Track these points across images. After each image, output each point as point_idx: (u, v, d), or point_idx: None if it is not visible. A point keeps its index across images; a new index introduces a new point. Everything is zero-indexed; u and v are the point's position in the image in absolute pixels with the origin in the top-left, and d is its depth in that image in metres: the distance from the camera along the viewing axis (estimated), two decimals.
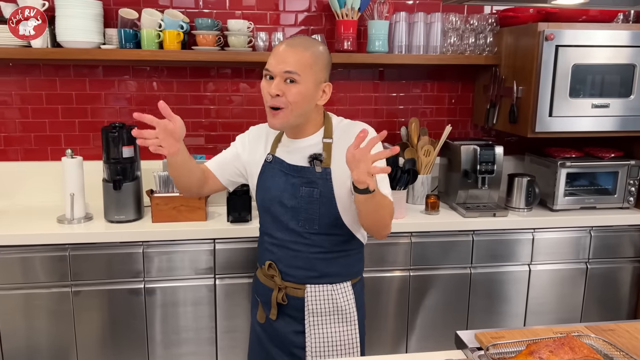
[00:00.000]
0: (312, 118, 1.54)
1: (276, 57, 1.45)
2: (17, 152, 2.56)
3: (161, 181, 2.32)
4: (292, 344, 1.60)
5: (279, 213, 1.55)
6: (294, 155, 1.55)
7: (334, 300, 1.57)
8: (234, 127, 2.70)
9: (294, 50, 1.43)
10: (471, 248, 2.41)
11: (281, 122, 1.48)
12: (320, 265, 1.55)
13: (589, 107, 2.40)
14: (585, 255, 2.52)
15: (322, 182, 1.50)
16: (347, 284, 1.59)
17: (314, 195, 1.50)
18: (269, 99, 1.46)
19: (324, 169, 1.50)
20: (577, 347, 1.10)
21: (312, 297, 1.56)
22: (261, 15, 2.61)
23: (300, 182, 1.52)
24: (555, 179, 2.54)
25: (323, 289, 1.56)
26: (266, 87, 1.46)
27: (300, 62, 1.42)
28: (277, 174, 1.56)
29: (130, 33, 2.35)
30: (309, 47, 1.46)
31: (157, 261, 2.20)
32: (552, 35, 2.28)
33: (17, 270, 2.11)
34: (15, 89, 2.50)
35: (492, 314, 2.49)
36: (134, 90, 2.59)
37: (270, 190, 1.57)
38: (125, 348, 2.25)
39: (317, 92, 1.49)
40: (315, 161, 1.50)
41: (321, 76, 1.49)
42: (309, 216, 1.51)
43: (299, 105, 1.45)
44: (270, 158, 1.59)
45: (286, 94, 1.43)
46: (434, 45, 2.56)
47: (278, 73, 1.43)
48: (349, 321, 1.58)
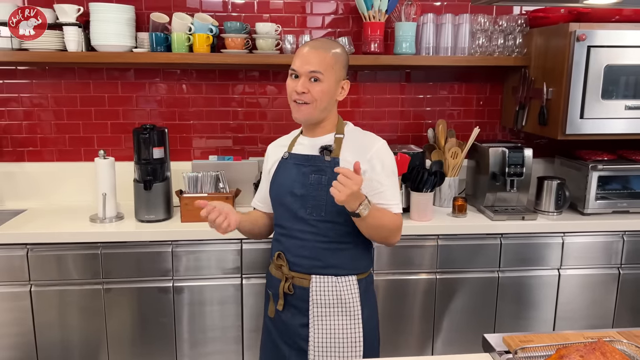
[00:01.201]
0: (330, 115, 1.65)
1: (301, 58, 1.58)
2: (52, 153, 2.64)
3: (190, 182, 2.36)
4: (298, 336, 1.64)
5: (289, 202, 1.64)
6: (310, 148, 1.66)
7: (338, 292, 1.61)
8: (261, 129, 2.73)
9: (317, 52, 1.57)
10: (499, 252, 2.38)
11: (306, 116, 1.60)
12: (325, 255, 1.61)
13: (622, 109, 2.35)
14: (618, 261, 2.46)
15: (330, 170, 1.59)
16: (352, 277, 1.63)
17: (322, 181, 1.59)
18: (294, 95, 1.58)
19: (333, 158, 1.60)
20: (609, 352, 1.08)
21: (316, 288, 1.61)
22: (288, 18, 2.63)
23: (310, 170, 1.62)
24: (586, 182, 2.49)
25: (328, 280, 1.61)
26: (292, 84, 1.59)
27: (323, 62, 1.56)
28: (290, 167, 1.66)
29: (161, 37, 2.40)
30: (330, 48, 1.60)
31: (186, 260, 2.24)
32: (584, 35, 2.24)
33: (52, 267, 2.18)
34: (51, 92, 2.58)
35: (519, 319, 2.45)
36: (164, 92, 2.64)
37: (283, 183, 1.66)
38: (154, 345, 2.29)
39: (337, 88, 1.62)
40: (325, 151, 1.62)
41: (340, 74, 1.62)
42: (317, 203, 1.59)
43: (322, 100, 1.58)
44: (286, 155, 1.69)
45: (311, 91, 1.56)
46: (462, 47, 2.54)
47: (303, 73, 1.57)
48: (353, 316, 1.62)
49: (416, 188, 2.38)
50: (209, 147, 2.72)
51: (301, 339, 1.64)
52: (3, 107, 2.58)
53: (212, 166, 2.49)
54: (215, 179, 2.39)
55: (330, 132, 1.67)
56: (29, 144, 2.62)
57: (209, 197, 2.30)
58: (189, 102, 2.66)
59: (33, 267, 2.17)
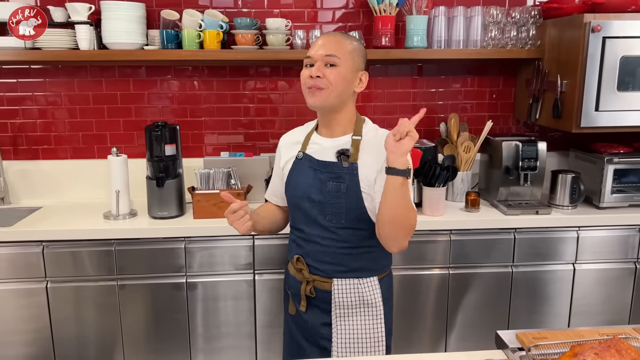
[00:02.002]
0: (346, 108, 1.57)
1: (316, 45, 1.53)
2: (66, 150, 2.67)
3: (202, 178, 2.37)
4: (320, 335, 1.62)
5: (307, 208, 1.58)
6: (324, 152, 1.58)
7: (361, 293, 1.58)
8: (272, 125, 2.73)
9: (334, 38, 1.53)
10: (513, 246, 2.36)
11: (321, 101, 1.52)
12: (348, 260, 1.57)
13: (638, 101, 2.31)
14: (634, 255, 2.42)
15: (348, 176, 1.52)
16: (373, 278, 1.61)
17: (341, 189, 1.52)
18: (309, 82, 1.51)
19: (351, 163, 1.53)
20: (624, 349, 1.06)
21: (339, 291, 1.58)
22: (299, 13, 2.62)
23: (328, 177, 1.55)
24: (601, 175, 2.45)
25: (350, 283, 1.58)
26: (306, 72, 1.53)
27: (339, 47, 1.51)
28: (306, 170, 1.59)
29: (172, 34, 2.41)
30: (346, 37, 1.56)
31: (199, 256, 2.25)
32: (599, 26, 2.20)
33: (68, 264, 2.21)
34: (64, 90, 2.61)
35: (534, 314, 2.43)
36: (176, 89, 2.65)
37: (299, 186, 1.60)
38: (168, 340, 2.32)
39: (354, 78, 1.54)
40: (343, 156, 1.54)
41: (358, 63, 1.55)
42: (336, 210, 1.53)
43: (338, 86, 1.50)
44: (301, 155, 1.62)
45: (326, 75, 1.49)
46: (474, 40, 2.51)
47: (319, 57, 1.50)
48: (375, 315, 1.60)
49: (428, 183, 2.36)
50: (221, 143, 2.72)
51: (322, 338, 1.62)
52: (18, 106, 2.61)
53: (223, 162, 2.50)
54: (227, 176, 2.40)
55: (348, 133, 1.58)
56: (44, 142, 2.65)
57: None
58: (200, 99, 2.67)
59: (49, 263, 2.19)
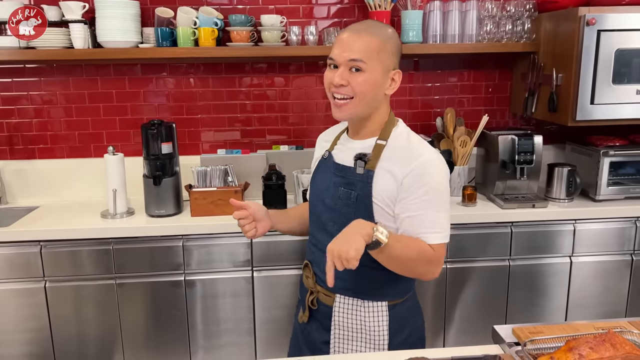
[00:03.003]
0: (378, 113, 1.41)
1: (340, 45, 1.34)
2: (62, 149, 2.66)
3: (199, 176, 2.37)
4: (320, 351, 1.52)
5: (320, 212, 1.48)
6: (346, 154, 1.44)
7: (363, 318, 1.44)
8: (269, 121, 2.73)
9: (359, 36, 1.32)
10: (510, 240, 2.37)
11: (348, 114, 1.37)
12: (353, 278, 1.41)
13: (633, 94, 2.31)
14: (631, 247, 2.43)
15: (361, 184, 1.37)
16: (381, 303, 1.43)
17: (351, 197, 1.38)
18: (332, 88, 1.36)
19: (367, 171, 1.37)
20: (619, 343, 1.07)
21: (340, 309, 1.46)
22: (294, 9, 2.62)
23: (340, 182, 1.41)
24: (597, 168, 2.46)
25: (353, 303, 1.44)
26: (329, 76, 1.36)
27: (366, 48, 1.31)
28: (326, 172, 1.48)
29: (167, 31, 2.40)
30: (376, 31, 1.34)
31: (197, 254, 2.26)
32: (594, 19, 2.20)
33: (66, 263, 2.21)
34: (60, 89, 2.60)
35: (531, 307, 2.45)
36: (172, 87, 2.65)
37: (317, 188, 1.50)
38: (168, 338, 2.32)
39: (385, 80, 1.37)
40: (359, 161, 1.38)
41: (390, 63, 1.36)
42: (344, 220, 1.33)
43: (366, 94, 1.34)
44: (326, 155, 1.50)
45: (351, 83, 1.32)
46: (470, 34, 2.51)
47: (342, 62, 1.33)
48: (377, 346, 1.44)
49: None
50: (217, 140, 2.72)
51: (323, 354, 1.51)
52: (13, 106, 2.60)
53: (220, 160, 2.50)
54: (224, 173, 2.40)
55: (374, 136, 1.41)
56: (40, 141, 2.65)
57: (218, 190, 2.31)
58: (197, 96, 2.66)
59: (47, 263, 2.20)
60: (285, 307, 2.33)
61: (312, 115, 2.74)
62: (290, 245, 2.26)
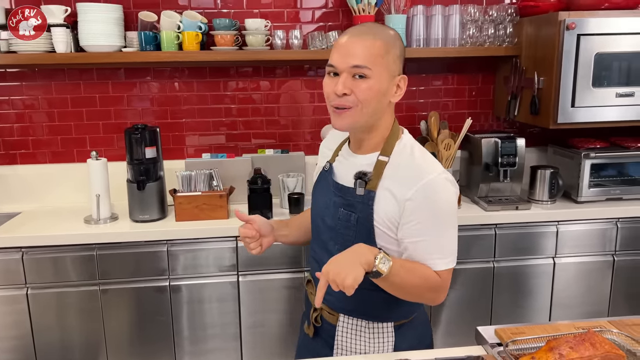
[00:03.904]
0: (381, 123, 1.31)
1: (340, 50, 1.23)
2: (44, 155, 2.63)
3: (184, 180, 2.36)
4: None
5: (321, 230, 1.40)
6: (346, 170, 1.35)
7: (367, 340, 1.36)
8: (254, 125, 2.72)
9: (362, 39, 1.22)
10: (494, 242, 2.39)
11: (349, 123, 1.26)
12: (357, 299, 1.28)
13: (613, 97, 2.35)
14: (612, 248, 2.47)
15: (361, 206, 1.28)
16: (387, 324, 1.36)
17: (351, 220, 1.29)
18: (334, 98, 1.24)
19: (367, 192, 1.27)
20: (598, 342, 1.09)
21: (344, 329, 1.38)
22: (278, 14, 2.62)
23: (340, 203, 1.32)
24: (579, 170, 2.50)
25: (357, 324, 1.37)
26: (330, 84, 1.25)
27: (370, 52, 1.21)
28: (326, 187, 1.39)
29: (150, 35, 2.39)
30: (379, 34, 1.24)
31: (182, 259, 2.24)
32: (574, 24, 2.23)
33: (48, 270, 2.18)
34: (42, 94, 2.57)
35: (516, 308, 2.47)
36: (156, 91, 2.63)
37: (317, 203, 1.43)
38: (153, 344, 2.30)
39: (390, 87, 1.27)
40: (359, 181, 1.27)
41: (395, 68, 1.27)
42: (345, 242, 1.28)
43: (370, 103, 1.23)
44: (327, 167, 1.41)
45: (355, 91, 1.22)
46: (453, 38, 2.54)
47: (344, 68, 1.22)
48: None
49: None
50: (202, 144, 2.71)
51: None
52: None
53: (205, 164, 2.49)
54: (208, 177, 2.39)
55: (376, 151, 1.31)
56: (21, 147, 2.61)
57: (203, 195, 2.30)
58: (181, 100, 2.65)
59: (29, 270, 2.17)
60: (271, 312, 2.33)
61: (297, 119, 2.74)
62: (277, 249, 2.25)
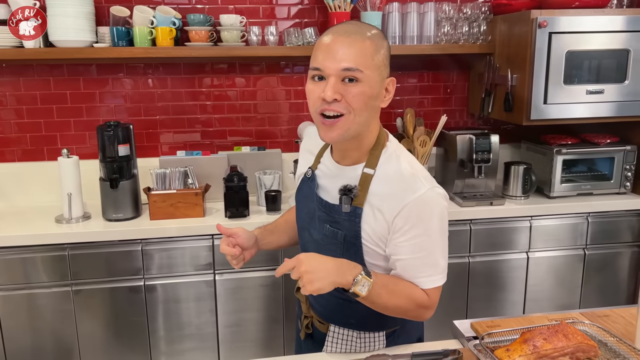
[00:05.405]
0: (369, 130, 1.21)
1: (327, 51, 1.12)
2: (13, 153, 2.56)
3: (158, 178, 2.32)
4: None
5: (307, 241, 1.35)
6: (331, 184, 1.27)
7: (360, 350, 1.34)
8: (230, 122, 2.70)
9: (351, 39, 1.11)
10: (469, 237, 2.42)
11: (340, 134, 1.15)
12: (346, 310, 1.29)
13: (583, 94, 2.40)
14: (583, 242, 2.53)
15: (348, 224, 1.21)
16: (378, 334, 1.33)
17: (338, 237, 1.23)
18: (321, 105, 1.13)
19: (354, 208, 1.20)
20: (571, 334, 1.11)
21: (334, 339, 1.35)
22: (254, 10, 2.60)
23: (326, 219, 1.26)
24: (551, 166, 2.54)
25: (348, 334, 1.33)
26: (316, 90, 1.13)
27: (361, 53, 1.10)
28: (310, 197, 1.32)
29: (123, 31, 2.34)
30: (367, 33, 1.14)
31: (157, 258, 2.21)
32: (545, 22, 2.27)
33: (18, 271, 2.13)
34: (10, 90, 2.50)
35: (491, 302, 2.51)
36: (129, 88, 2.59)
37: (301, 213, 1.37)
38: (128, 345, 2.27)
39: (381, 90, 1.17)
40: (345, 197, 1.20)
41: (384, 69, 1.17)
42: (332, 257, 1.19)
43: (363, 109, 1.13)
44: (309, 174, 1.33)
45: (345, 96, 1.11)
46: (428, 35, 2.56)
47: (334, 72, 1.10)
48: None
49: None
50: (177, 142, 2.68)
51: None
52: None
53: (180, 162, 2.46)
54: (183, 175, 2.36)
55: (361, 162, 1.23)
56: None
57: (178, 193, 2.27)
58: (155, 97, 2.61)
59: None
60: (248, 310, 2.31)
61: (274, 116, 2.73)
62: None
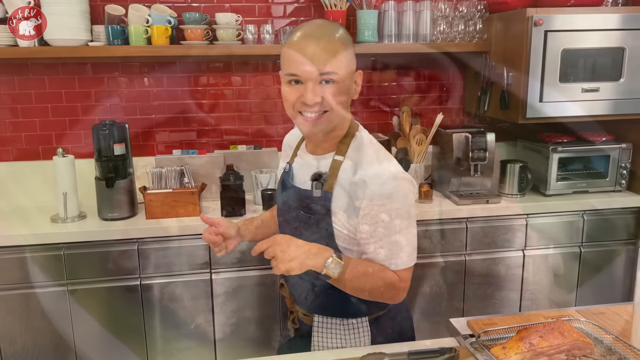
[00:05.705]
0: (343, 121, 1.29)
1: (302, 57, 1.17)
2: (8, 152, 2.55)
3: (154, 177, 2.32)
4: None
5: (285, 230, 1.38)
6: (304, 172, 1.34)
7: (345, 337, 1.37)
8: (226, 121, 2.69)
9: (322, 42, 1.17)
10: (465, 235, 2.42)
11: (324, 129, 1.24)
12: (328, 297, 1.32)
13: (579, 92, 2.41)
14: (579, 239, 2.53)
15: (319, 208, 1.27)
16: (361, 319, 1.36)
17: (310, 221, 1.29)
18: (300, 106, 1.21)
19: (324, 192, 1.26)
20: (567, 331, 1.11)
21: (319, 330, 1.39)
22: (250, 8, 2.59)
23: (300, 205, 1.32)
24: (547, 164, 2.55)
25: (332, 322, 1.37)
26: (294, 94, 1.21)
27: (334, 56, 1.18)
28: (287, 189, 1.38)
29: (118, 29, 2.33)
30: (335, 34, 1.21)
31: (153, 257, 2.20)
32: (541, 20, 2.27)
33: (14, 271, 2.12)
34: (5, 89, 2.49)
35: (487, 300, 2.51)
36: (125, 86, 2.58)
37: (280, 204, 1.42)
38: (124, 345, 2.26)
39: (352, 84, 1.26)
40: (316, 182, 1.27)
41: (353, 65, 1.25)
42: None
43: (339, 105, 1.23)
44: (287, 168, 1.41)
45: (325, 97, 1.19)
46: (424, 34, 2.56)
47: (312, 77, 1.18)
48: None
49: None
50: (173, 141, 2.67)
51: None
52: None
53: (176, 161, 2.46)
54: (179, 174, 2.35)
55: (332, 151, 1.30)
56: None
57: (174, 192, 2.26)
58: (150, 96, 2.60)
59: None
60: (245, 309, 2.31)
61: (270, 115, 2.73)
62: (250, 246, 2.23)
